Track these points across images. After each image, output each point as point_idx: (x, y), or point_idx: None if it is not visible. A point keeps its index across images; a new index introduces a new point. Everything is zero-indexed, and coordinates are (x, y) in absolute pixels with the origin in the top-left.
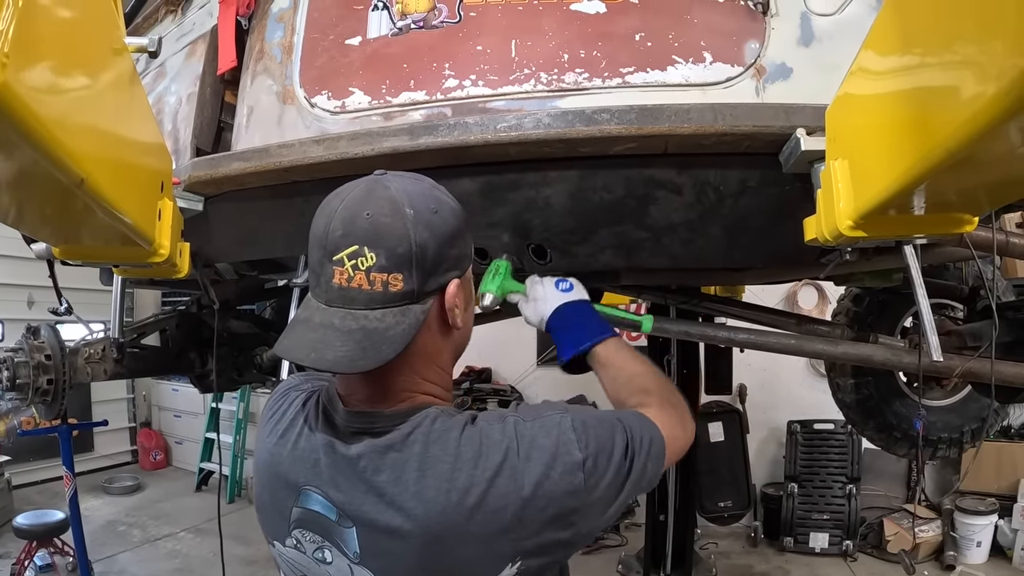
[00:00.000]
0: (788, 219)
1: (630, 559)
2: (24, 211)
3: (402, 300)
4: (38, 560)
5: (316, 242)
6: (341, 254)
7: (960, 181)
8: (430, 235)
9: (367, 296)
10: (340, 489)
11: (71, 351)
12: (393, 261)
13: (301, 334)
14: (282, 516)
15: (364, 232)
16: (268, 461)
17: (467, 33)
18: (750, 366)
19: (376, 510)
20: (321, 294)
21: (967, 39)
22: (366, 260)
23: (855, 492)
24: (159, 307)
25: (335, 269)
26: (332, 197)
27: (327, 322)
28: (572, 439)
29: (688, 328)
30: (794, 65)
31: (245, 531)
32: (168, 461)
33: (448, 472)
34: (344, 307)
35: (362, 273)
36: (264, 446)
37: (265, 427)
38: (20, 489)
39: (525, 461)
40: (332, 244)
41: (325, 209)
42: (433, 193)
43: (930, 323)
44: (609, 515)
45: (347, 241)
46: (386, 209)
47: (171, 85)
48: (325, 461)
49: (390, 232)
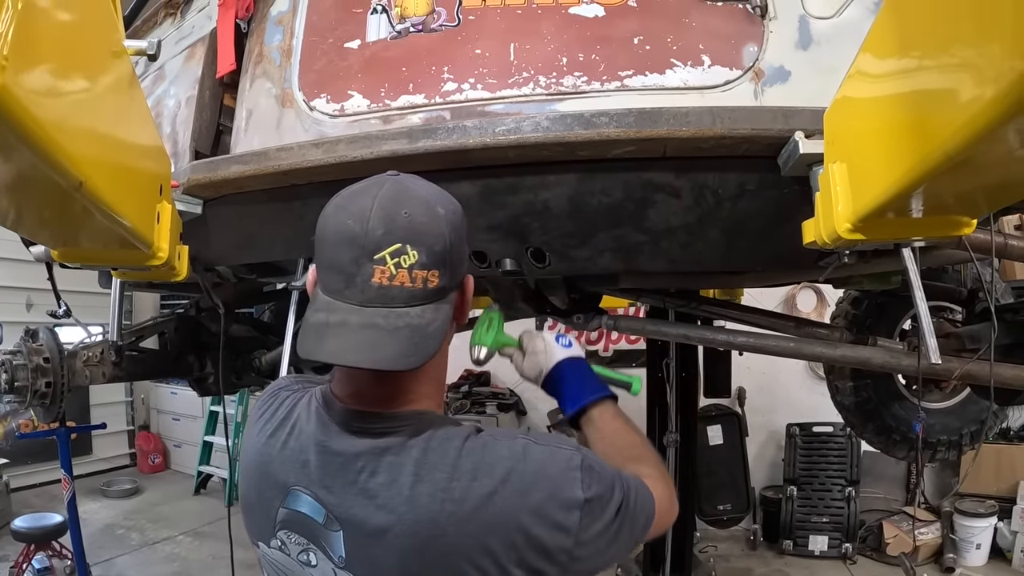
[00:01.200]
0: (786, 222)
1: (629, 562)
2: (23, 214)
3: (436, 296)
4: (36, 563)
5: (348, 241)
6: (383, 252)
7: (958, 184)
8: (455, 233)
9: (408, 293)
10: (330, 490)
11: (69, 354)
12: (432, 258)
13: (343, 337)
14: (268, 516)
15: (404, 231)
16: (256, 460)
17: (466, 37)
18: (749, 369)
19: (366, 512)
20: (354, 295)
21: (965, 42)
22: (408, 258)
23: (854, 495)
24: (158, 310)
25: (375, 268)
26: (356, 196)
27: (369, 323)
28: (578, 477)
29: (687, 331)
30: (792, 68)
31: (244, 534)
32: (167, 464)
33: (444, 481)
34: (384, 306)
35: (405, 271)
36: (253, 445)
37: (254, 426)
38: (18, 492)
39: (528, 485)
40: (372, 243)
41: (352, 209)
42: (445, 193)
43: (928, 326)
44: (592, 566)
45: (389, 239)
46: (421, 208)
47: (170, 88)
48: (316, 461)
49: (428, 230)
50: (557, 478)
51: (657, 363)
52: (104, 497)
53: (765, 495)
